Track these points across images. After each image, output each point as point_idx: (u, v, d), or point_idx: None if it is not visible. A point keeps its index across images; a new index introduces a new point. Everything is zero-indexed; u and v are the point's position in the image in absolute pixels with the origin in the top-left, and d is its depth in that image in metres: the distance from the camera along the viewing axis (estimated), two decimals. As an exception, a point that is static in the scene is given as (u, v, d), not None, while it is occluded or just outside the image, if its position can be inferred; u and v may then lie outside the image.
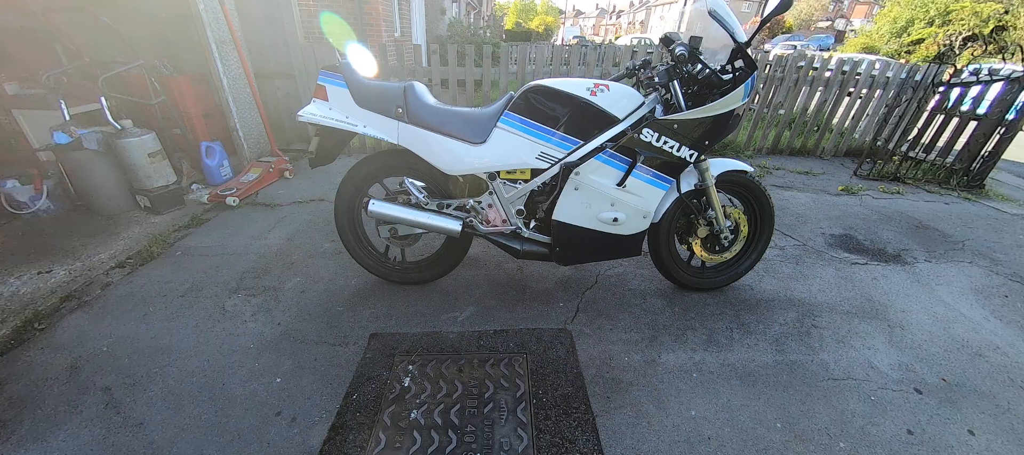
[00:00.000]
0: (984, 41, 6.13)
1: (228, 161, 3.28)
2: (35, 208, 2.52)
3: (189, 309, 1.86)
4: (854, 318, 1.89)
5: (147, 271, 2.14)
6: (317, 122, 1.61)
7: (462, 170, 1.64)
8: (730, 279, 2.00)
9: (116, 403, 1.42)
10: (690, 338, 1.72)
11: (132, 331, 1.73)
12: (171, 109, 3.04)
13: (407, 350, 1.61)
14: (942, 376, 1.59)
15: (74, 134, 2.45)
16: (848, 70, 4.01)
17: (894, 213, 3.05)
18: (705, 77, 1.55)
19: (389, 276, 1.99)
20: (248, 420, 1.35)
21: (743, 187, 1.85)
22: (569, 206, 1.64)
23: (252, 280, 2.07)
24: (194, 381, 1.50)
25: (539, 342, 1.66)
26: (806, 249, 2.48)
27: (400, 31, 8.63)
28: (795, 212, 2.99)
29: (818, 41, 21.59)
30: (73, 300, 1.91)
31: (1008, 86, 3.32)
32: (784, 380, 1.53)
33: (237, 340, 1.68)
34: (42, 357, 1.61)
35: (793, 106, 4.20)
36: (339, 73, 1.61)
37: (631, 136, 1.54)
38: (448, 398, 1.40)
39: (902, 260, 2.40)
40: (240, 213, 2.80)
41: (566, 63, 4.34)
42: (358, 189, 1.84)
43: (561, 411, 1.36)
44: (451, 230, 1.71)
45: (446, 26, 11.07)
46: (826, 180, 3.69)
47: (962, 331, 1.84)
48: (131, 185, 2.67)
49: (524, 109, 1.58)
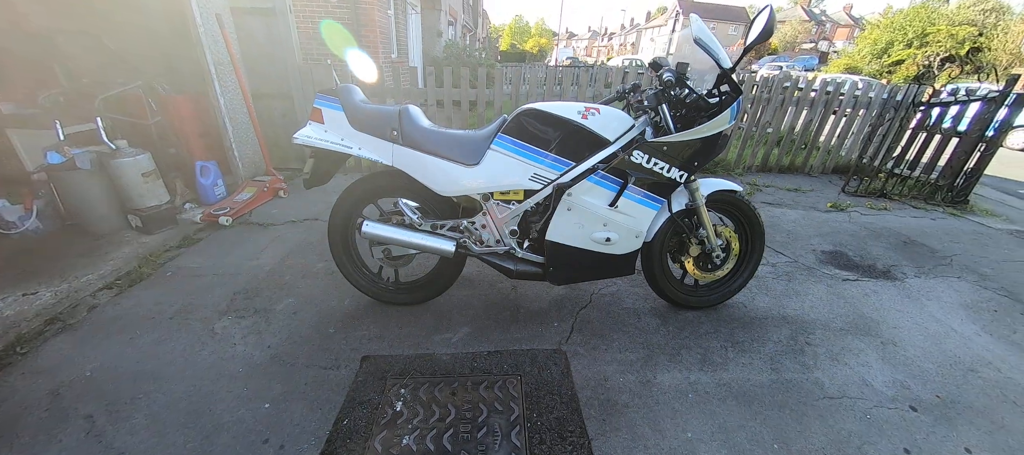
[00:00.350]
0: (961, 62, 6.38)
1: (223, 180, 3.28)
2: (24, 227, 2.49)
3: (177, 332, 1.82)
4: (847, 335, 1.89)
5: (136, 292, 2.11)
6: (312, 144, 1.63)
7: (456, 191, 1.65)
8: (723, 297, 2.01)
9: (98, 432, 1.37)
10: (685, 357, 1.71)
11: (117, 355, 1.69)
12: (167, 129, 3.05)
13: (399, 373, 1.59)
14: (936, 393, 1.59)
15: (68, 154, 2.45)
16: (832, 90, 4.15)
17: (882, 229, 3.10)
18: (693, 101, 1.59)
19: (382, 297, 1.98)
20: (235, 448, 1.31)
21: (733, 206, 1.88)
22: (562, 226, 1.66)
23: (243, 301, 2.05)
24: (180, 407, 1.46)
25: (534, 363, 1.64)
26: (797, 266, 2.50)
27: (397, 53, 8.80)
28: (786, 229, 3.03)
29: (803, 62, 22.33)
30: (57, 323, 1.87)
31: (985, 105, 3.45)
32: (779, 399, 1.52)
33: (226, 364, 1.65)
34: (23, 383, 1.56)
35: (780, 125, 4.32)
36: (335, 96, 1.64)
37: (622, 158, 1.57)
38: (441, 423, 1.38)
39: (892, 276, 2.43)
40: (233, 232, 2.78)
41: (559, 83, 4.43)
42: (353, 209, 1.84)
43: (556, 435, 1.34)
44: (445, 250, 1.71)
45: (442, 48, 11.32)
46: (815, 197, 3.76)
47: (954, 347, 1.86)
48: (123, 205, 2.65)
49: (517, 132, 1.61)
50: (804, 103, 4.18)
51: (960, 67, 6.33)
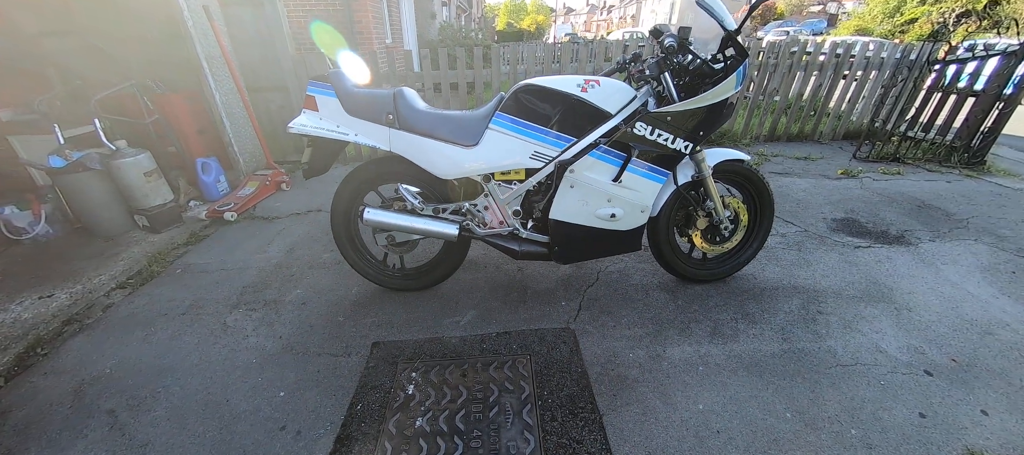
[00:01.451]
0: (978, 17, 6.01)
1: (225, 176, 3.28)
2: (34, 233, 2.52)
3: (190, 327, 1.85)
4: (860, 302, 1.87)
5: (148, 290, 2.14)
6: (308, 133, 1.60)
7: (456, 174, 1.63)
8: (732, 269, 1.98)
9: (121, 425, 1.41)
10: (695, 331, 1.70)
11: (134, 352, 1.73)
12: (165, 127, 3.04)
13: (410, 357, 1.60)
14: (952, 357, 1.57)
15: (69, 157, 2.45)
16: (842, 53, 3.99)
17: (895, 194, 3.02)
18: (696, 67, 1.53)
19: (389, 283, 1.98)
20: (253, 436, 1.34)
21: (741, 176, 1.83)
22: (566, 204, 1.63)
23: (252, 294, 2.07)
24: (198, 399, 1.49)
25: (542, 342, 1.65)
26: (808, 235, 2.46)
27: (391, 38, 8.64)
28: (796, 198, 2.96)
29: (811, 26, 21.50)
30: (75, 323, 1.91)
31: (1004, 60, 3.29)
32: (792, 369, 1.51)
33: (239, 356, 1.68)
34: (45, 382, 1.60)
35: (788, 92, 4.18)
36: (328, 83, 1.60)
37: (624, 131, 1.53)
38: (452, 404, 1.39)
39: (906, 241, 2.38)
40: (238, 228, 2.80)
41: (557, 61, 4.33)
42: (353, 198, 1.83)
43: (567, 412, 1.35)
44: (448, 234, 1.70)
45: (437, 30, 11.09)
46: (825, 165, 3.67)
47: (970, 310, 1.82)
48: (128, 205, 2.67)
49: (515, 109, 1.56)
50: (813, 68, 4.03)
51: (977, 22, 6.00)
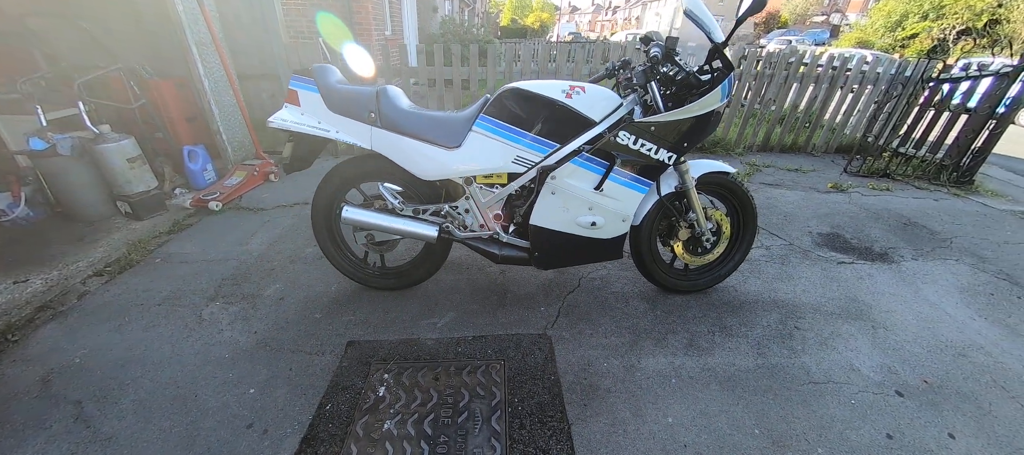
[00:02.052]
0: (977, 35, 6.07)
1: (212, 165, 3.25)
2: (13, 215, 2.48)
3: (165, 318, 1.83)
4: (838, 319, 1.87)
5: (125, 279, 2.11)
6: (288, 128, 1.58)
7: (437, 175, 1.61)
8: (713, 281, 1.98)
9: (86, 417, 1.39)
10: (671, 342, 1.70)
11: (106, 342, 1.70)
12: (152, 113, 3.00)
13: (383, 358, 1.59)
14: (924, 378, 1.58)
15: (50, 140, 2.41)
16: (838, 65, 3.99)
17: (883, 210, 3.03)
18: (683, 78, 1.52)
19: (368, 282, 1.97)
20: (219, 432, 1.33)
21: (725, 188, 1.83)
22: (546, 210, 1.62)
23: (231, 287, 2.05)
24: (167, 393, 1.47)
25: (518, 348, 1.64)
26: (793, 248, 2.46)
27: (391, 30, 8.56)
28: (783, 211, 2.97)
29: (813, 36, 21.56)
30: (48, 310, 1.88)
31: (998, 81, 3.31)
32: (764, 384, 1.51)
33: (212, 350, 1.66)
34: (13, 370, 1.58)
35: (784, 103, 4.19)
36: (311, 77, 1.58)
37: (608, 139, 1.52)
38: (422, 407, 1.38)
39: (889, 259, 2.39)
40: (223, 218, 2.77)
41: (553, 60, 4.30)
42: (335, 194, 1.81)
43: (536, 420, 1.34)
44: (427, 236, 1.68)
45: (438, 24, 10.99)
46: (816, 177, 3.68)
47: (946, 331, 1.83)
48: (111, 191, 2.64)
49: (499, 112, 1.55)
50: (809, 79, 4.04)
51: (974, 40, 6.03)
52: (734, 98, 4.10)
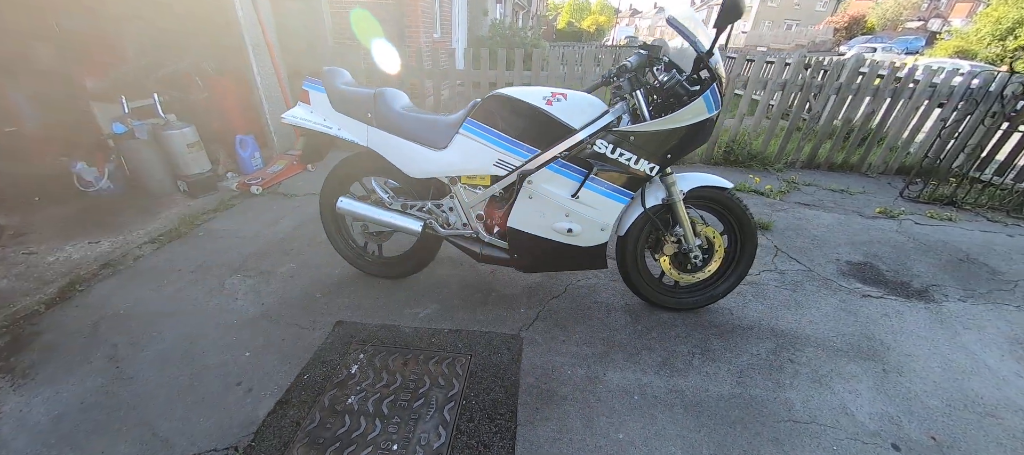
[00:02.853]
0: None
1: (260, 153, 3.63)
2: (98, 187, 2.97)
3: (195, 284, 2.11)
4: (842, 357, 1.70)
5: (172, 247, 2.45)
6: (297, 124, 1.76)
7: (423, 174, 1.71)
8: (705, 301, 1.89)
9: (118, 358, 1.66)
10: (644, 359, 1.65)
11: (146, 298, 2.00)
12: (212, 105, 3.42)
13: (363, 340, 1.72)
14: (932, 434, 1.40)
15: (130, 125, 2.85)
16: (904, 77, 3.56)
17: (937, 242, 2.67)
18: (670, 87, 1.48)
19: (366, 269, 2.12)
20: (213, 386, 1.52)
21: (720, 204, 1.74)
22: (522, 213, 1.65)
23: (253, 262, 2.30)
24: (182, 347, 1.71)
25: (487, 345, 1.69)
26: (811, 275, 2.26)
27: (440, 33, 8.91)
28: (812, 234, 2.72)
29: (904, 43, 19.11)
30: (109, 267, 2.25)
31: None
32: (735, 415, 1.43)
33: (224, 315, 1.89)
34: (76, 314, 1.91)
35: (837, 116, 3.81)
36: (320, 79, 1.75)
37: (584, 147, 1.52)
38: (386, 389, 1.48)
39: (928, 297, 2.12)
40: (261, 201, 3.10)
41: (598, 64, 4.25)
42: (339, 186, 1.98)
43: (485, 415, 1.38)
44: (411, 230, 1.78)
45: (487, 27, 11.23)
46: (863, 200, 3.31)
47: (979, 386, 1.60)
48: (174, 171, 3.06)
49: (484, 117, 1.61)
50: (865, 91, 3.63)
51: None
52: (773, 110, 3.80)
